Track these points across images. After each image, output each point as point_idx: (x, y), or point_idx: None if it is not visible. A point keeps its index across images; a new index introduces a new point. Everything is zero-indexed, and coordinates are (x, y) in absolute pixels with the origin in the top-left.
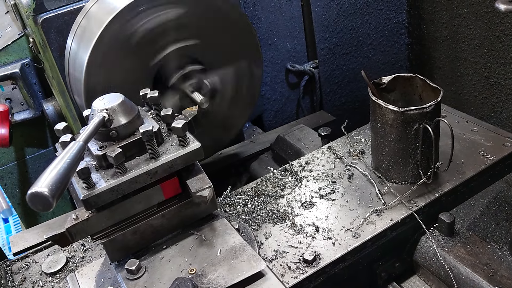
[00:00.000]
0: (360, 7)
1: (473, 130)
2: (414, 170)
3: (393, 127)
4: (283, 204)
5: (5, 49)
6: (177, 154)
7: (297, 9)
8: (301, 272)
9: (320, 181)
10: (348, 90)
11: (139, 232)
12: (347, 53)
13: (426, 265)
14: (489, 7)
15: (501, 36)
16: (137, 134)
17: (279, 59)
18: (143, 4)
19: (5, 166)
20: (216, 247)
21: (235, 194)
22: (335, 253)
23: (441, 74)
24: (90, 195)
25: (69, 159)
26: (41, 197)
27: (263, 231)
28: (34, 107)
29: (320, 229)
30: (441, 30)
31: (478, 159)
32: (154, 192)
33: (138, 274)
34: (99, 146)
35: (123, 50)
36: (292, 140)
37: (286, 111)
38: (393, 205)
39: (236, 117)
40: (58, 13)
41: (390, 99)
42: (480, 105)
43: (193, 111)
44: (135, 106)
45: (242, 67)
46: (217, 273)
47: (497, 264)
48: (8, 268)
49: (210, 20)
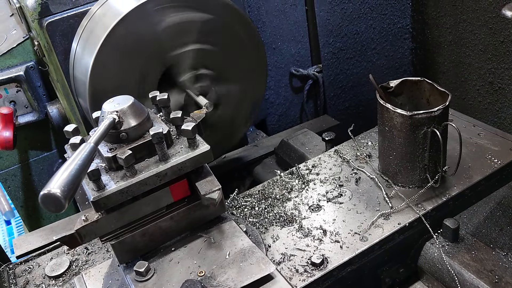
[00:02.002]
0: (364, 12)
1: (480, 134)
2: (422, 174)
3: (401, 131)
4: (290, 207)
5: (10, 52)
6: (187, 156)
7: (301, 13)
8: (309, 275)
9: (327, 184)
10: (352, 95)
11: (148, 234)
12: (351, 57)
13: (430, 271)
14: (493, 13)
15: (505, 41)
16: (147, 136)
17: (283, 63)
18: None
19: (8, 169)
20: (225, 249)
21: (242, 196)
22: (343, 257)
23: (445, 79)
24: (100, 197)
25: (80, 161)
26: (54, 198)
27: (271, 234)
28: (38, 110)
29: (327, 232)
30: (445, 35)
31: (486, 163)
32: (163, 194)
33: (147, 276)
34: (109, 148)
35: (128, 52)
36: (296, 145)
37: (290, 115)
38: (400, 208)
39: (239, 122)
40: (63, 16)
41: (397, 103)
42: (484, 110)
43: (202, 114)
44: (145, 108)
45: (248, 88)
46: (226, 276)
47: (502, 271)
48: (11, 271)
49: (229, 39)
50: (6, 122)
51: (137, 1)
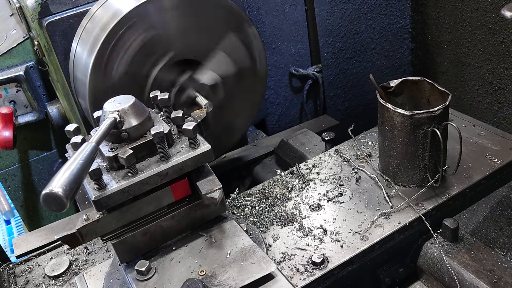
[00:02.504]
0: (364, 12)
1: (480, 134)
2: (422, 174)
3: (402, 130)
4: (290, 206)
5: (10, 51)
6: (188, 156)
7: (301, 13)
8: (310, 274)
9: (327, 184)
10: (352, 95)
11: (149, 233)
12: (351, 57)
13: (429, 271)
14: (492, 13)
15: (504, 41)
16: (148, 136)
17: (283, 63)
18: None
19: (8, 168)
20: (226, 248)
21: (243, 196)
22: (343, 256)
23: (444, 79)
24: (101, 196)
25: (82, 160)
26: (56, 197)
27: (271, 233)
28: (38, 110)
29: (328, 231)
30: (445, 35)
31: (486, 163)
32: (164, 193)
33: (148, 275)
34: (110, 148)
35: (129, 53)
36: (295, 145)
37: (289, 115)
38: (400, 208)
39: (240, 121)
40: (63, 16)
41: (397, 103)
42: (484, 110)
43: (202, 113)
44: (146, 108)
45: (248, 91)
46: (227, 275)
47: (501, 271)
48: (11, 271)
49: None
50: (6, 122)
51: (137, 1)
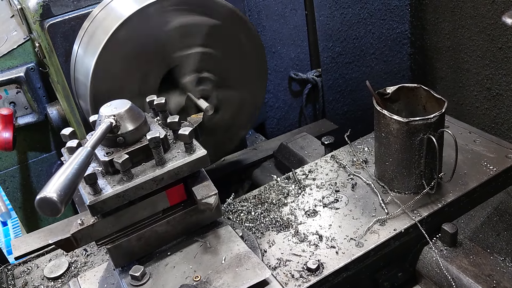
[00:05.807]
0: (364, 17)
1: (476, 141)
2: (418, 180)
3: (397, 137)
4: (286, 212)
5: (10, 53)
6: (184, 161)
7: (301, 18)
8: (305, 280)
9: (323, 190)
10: (351, 99)
11: (144, 238)
12: (350, 62)
13: (428, 275)
14: (491, 19)
15: (503, 48)
16: (144, 141)
17: (283, 67)
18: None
19: (7, 170)
20: (221, 254)
21: (239, 201)
22: (339, 262)
23: (443, 85)
24: (96, 201)
25: (77, 165)
26: (50, 202)
27: (267, 239)
28: (38, 111)
29: (323, 237)
30: (444, 41)
31: (481, 170)
32: (160, 198)
33: (143, 280)
34: (106, 152)
35: (130, 55)
36: (295, 148)
37: (288, 119)
38: (396, 214)
39: (239, 127)
40: (65, 18)
41: (394, 109)
42: (482, 116)
43: (199, 118)
44: (142, 113)
45: (248, 96)
46: (222, 281)
47: (500, 275)
48: (10, 273)
49: (231, 44)
50: (5, 123)
51: (139, 4)
